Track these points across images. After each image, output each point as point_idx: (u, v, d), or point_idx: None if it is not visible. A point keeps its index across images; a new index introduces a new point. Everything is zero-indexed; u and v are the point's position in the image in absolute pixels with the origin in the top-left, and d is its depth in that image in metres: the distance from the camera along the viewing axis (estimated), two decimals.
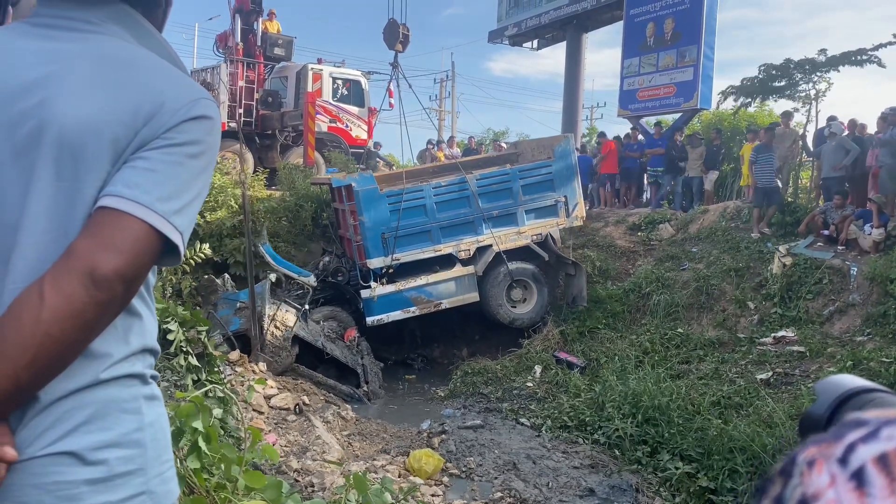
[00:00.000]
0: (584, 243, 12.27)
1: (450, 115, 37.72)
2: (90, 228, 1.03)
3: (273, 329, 8.19)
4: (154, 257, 1.07)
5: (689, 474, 6.01)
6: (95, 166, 1.05)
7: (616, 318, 10.32)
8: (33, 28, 1.15)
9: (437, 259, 9.95)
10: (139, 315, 1.14)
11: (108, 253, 1.00)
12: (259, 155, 15.27)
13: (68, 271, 0.98)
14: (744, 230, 11.15)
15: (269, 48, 15.80)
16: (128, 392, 1.11)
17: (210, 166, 1.16)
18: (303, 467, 5.16)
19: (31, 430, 1.02)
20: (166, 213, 1.05)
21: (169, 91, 1.11)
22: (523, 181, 10.24)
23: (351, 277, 9.93)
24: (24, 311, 0.96)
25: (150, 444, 1.12)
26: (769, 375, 7.53)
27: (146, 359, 1.17)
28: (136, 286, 1.07)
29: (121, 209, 1.02)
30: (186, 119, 1.10)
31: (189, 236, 1.13)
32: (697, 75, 13.85)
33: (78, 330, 0.98)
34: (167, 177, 1.06)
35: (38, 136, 1.05)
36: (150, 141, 1.07)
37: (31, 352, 0.95)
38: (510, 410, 8.06)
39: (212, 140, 1.15)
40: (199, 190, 1.13)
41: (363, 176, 10.04)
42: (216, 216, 10.53)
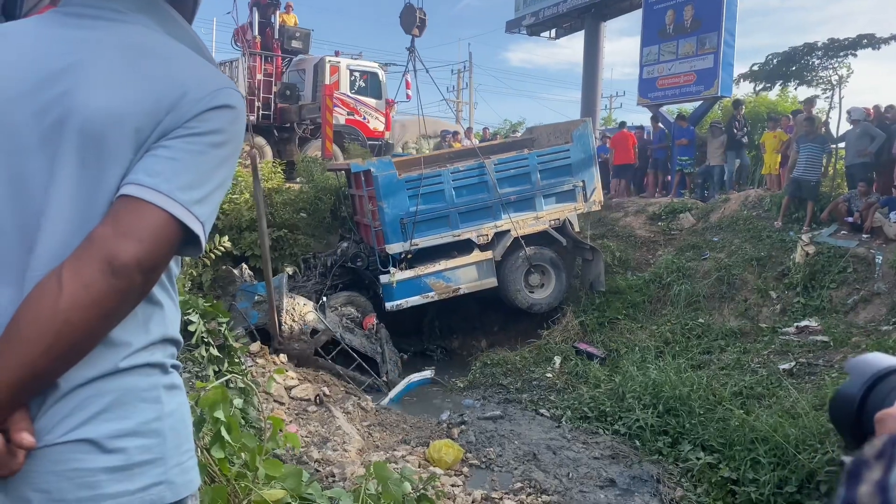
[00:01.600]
0: (603, 233, 12.20)
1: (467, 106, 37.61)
2: (110, 216, 1.03)
3: (291, 322, 8.23)
4: (174, 247, 1.07)
5: (711, 465, 5.96)
6: (118, 155, 1.05)
7: (636, 308, 10.25)
8: (63, 17, 1.16)
9: (456, 244, 9.95)
10: (160, 304, 1.14)
11: (128, 241, 1.00)
12: (277, 148, 15.34)
13: (87, 259, 0.98)
14: (766, 219, 11.01)
15: (286, 41, 15.85)
16: (147, 381, 1.10)
17: (234, 156, 1.15)
18: (323, 457, 5.20)
19: (51, 417, 1.02)
20: (187, 203, 1.05)
21: (192, 80, 1.10)
22: (541, 166, 10.20)
23: (370, 263, 9.95)
24: (42, 298, 0.97)
25: (170, 434, 1.12)
26: (792, 365, 7.44)
27: (167, 348, 1.16)
28: (156, 276, 1.07)
29: (141, 197, 1.02)
30: (209, 108, 1.09)
31: (211, 227, 1.12)
32: (718, 62, 13.67)
33: (96, 318, 0.98)
34: (189, 166, 1.06)
35: (62, 124, 1.05)
36: (172, 130, 1.07)
37: (49, 339, 0.95)
38: (530, 401, 8.04)
39: (235, 129, 1.14)
40: (222, 180, 1.13)
41: (382, 161, 10.07)
42: (234, 207, 10.59)
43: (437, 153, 11.74)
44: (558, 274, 10.43)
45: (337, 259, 10.14)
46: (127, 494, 1.05)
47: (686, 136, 13.81)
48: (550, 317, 10.43)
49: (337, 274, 10.03)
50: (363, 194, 10.08)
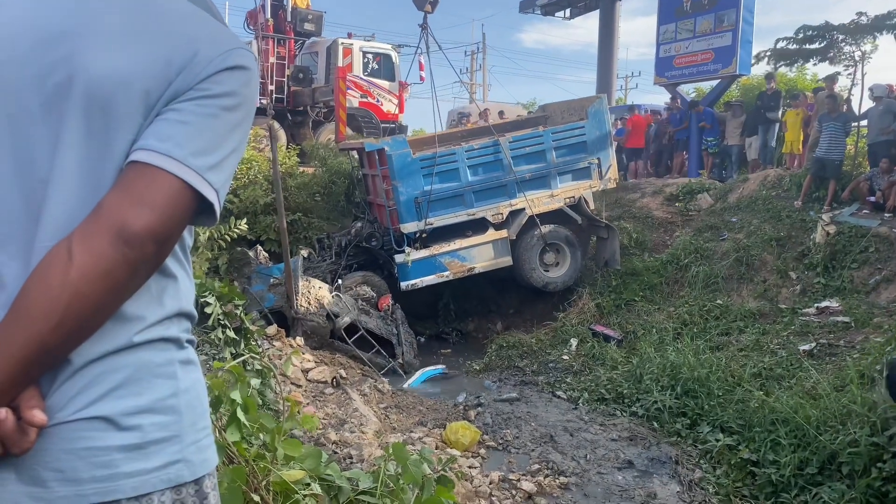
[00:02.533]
0: (620, 214, 12.10)
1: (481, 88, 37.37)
2: (120, 184, 0.98)
3: (307, 305, 8.23)
4: (188, 216, 1.02)
5: (730, 446, 5.91)
6: (126, 120, 1.00)
7: (653, 290, 10.17)
8: None
9: (470, 224, 9.90)
10: (174, 277, 1.10)
11: (139, 209, 0.95)
12: (291, 132, 15.32)
13: (97, 229, 0.94)
14: (785, 199, 10.86)
15: (299, 24, 15.75)
16: (162, 356, 1.07)
17: (247, 120, 1.10)
18: (341, 439, 5.20)
19: (63, 393, 0.98)
20: (200, 169, 1.00)
21: (203, 40, 1.05)
22: (556, 143, 10.10)
23: (384, 242, 9.94)
24: (51, 270, 0.93)
25: (186, 411, 1.08)
26: (812, 346, 7.35)
27: (182, 322, 1.12)
28: (169, 246, 1.02)
29: (152, 163, 0.98)
30: (221, 69, 1.04)
31: (226, 194, 1.08)
32: (736, 40, 13.45)
33: (108, 291, 0.94)
34: (201, 130, 1.01)
35: (67, 88, 1.00)
36: (183, 92, 1.02)
37: (59, 313, 0.91)
38: (546, 383, 8.02)
39: (248, 92, 1.09)
40: (236, 145, 1.07)
41: (396, 140, 10.01)
42: (249, 193, 10.59)
43: (450, 131, 11.65)
44: (573, 252, 10.37)
45: (351, 239, 10.13)
46: (143, 473, 1.02)
47: (706, 119, 13.62)
48: (566, 299, 10.38)
49: (351, 254, 10.02)
50: (377, 174, 10.04)
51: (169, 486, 1.05)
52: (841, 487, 4.82)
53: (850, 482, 4.87)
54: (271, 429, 2.12)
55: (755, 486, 5.39)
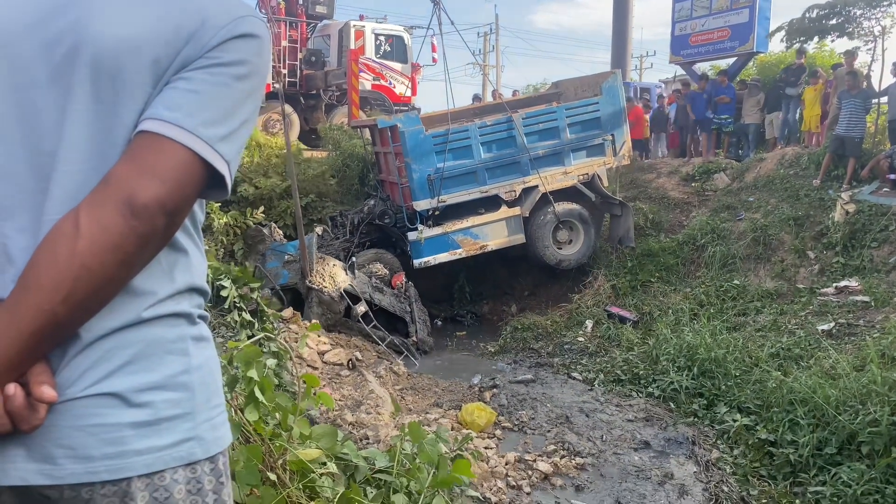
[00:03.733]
0: (636, 195, 12.00)
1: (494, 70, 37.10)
2: (129, 154, 0.96)
3: (322, 283, 8.23)
4: (198, 188, 1.00)
5: (748, 426, 5.88)
6: (135, 89, 0.98)
7: (669, 271, 10.10)
8: None
9: (483, 201, 9.86)
10: (185, 251, 1.08)
11: (149, 180, 0.93)
12: (304, 115, 15.29)
13: (105, 200, 0.92)
14: (803, 177, 10.71)
15: (310, 6, 15.69)
16: (174, 332, 1.05)
17: (259, 90, 1.07)
18: (357, 420, 5.23)
19: (73, 369, 0.97)
20: (211, 140, 0.98)
21: (213, 6, 1.02)
22: (570, 119, 10.00)
23: (397, 220, 9.92)
24: (59, 242, 0.91)
25: (199, 388, 1.07)
26: (831, 326, 7.27)
27: (193, 298, 1.10)
28: (180, 219, 1.00)
29: (162, 133, 0.95)
30: (232, 37, 1.01)
31: (237, 166, 1.05)
32: (753, 17, 13.20)
33: (117, 263, 0.92)
34: (212, 99, 0.99)
35: (74, 57, 0.98)
36: (193, 60, 0.99)
37: (68, 285, 0.90)
38: (561, 365, 8.00)
39: (260, 61, 1.06)
40: (247, 116, 1.05)
41: (409, 116, 9.97)
42: (267, 183, 10.61)
43: (464, 108, 11.57)
44: (587, 230, 10.31)
45: (364, 217, 10.13)
46: (155, 451, 1.01)
47: (727, 93, 13.40)
48: (581, 280, 10.33)
49: (364, 231, 10.02)
50: (389, 151, 9.99)
51: (182, 464, 1.03)
52: (860, 467, 4.79)
53: (869, 462, 4.83)
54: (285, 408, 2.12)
55: (773, 466, 5.36)
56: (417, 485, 2.30)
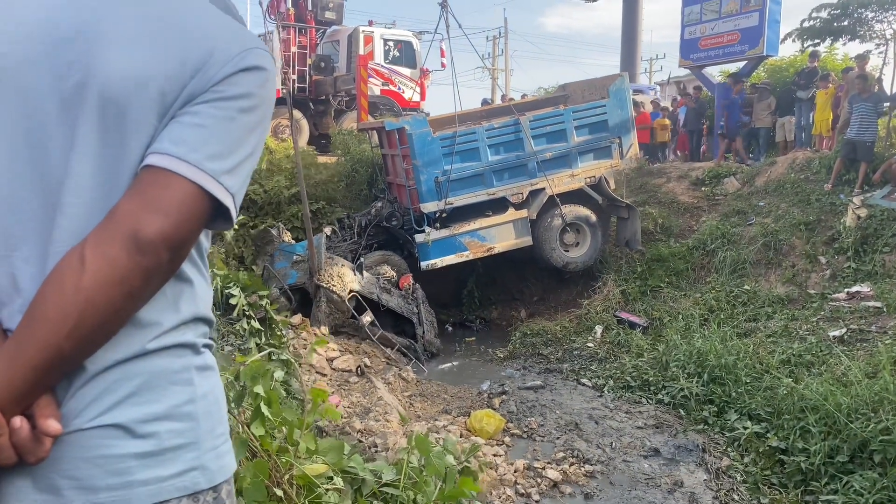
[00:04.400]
0: (645, 199, 11.96)
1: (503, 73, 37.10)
2: (135, 188, 0.97)
3: (331, 282, 8.25)
4: (203, 220, 1.01)
5: (758, 434, 5.84)
6: (141, 122, 0.99)
7: (679, 276, 10.05)
8: None
9: (490, 203, 9.87)
10: (190, 281, 1.09)
11: (153, 215, 0.94)
12: (313, 121, 15.34)
13: (111, 234, 0.93)
14: (814, 182, 10.64)
15: (320, 12, 15.73)
16: (178, 362, 1.05)
17: (265, 122, 1.08)
18: (366, 428, 5.24)
19: (78, 400, 0.98)
20: (216, 173, 0.99)
21: (219, 40, 1.03)
22: (577, 122, 10.01)
23: (404, 222, 9.95)
24: (65, 276, 0.92)
25: (203, 417, 1.07)
26: (843, 332, 7.22)
27: (198, 327, 1.11)
28: (185, 252, 1.01)
29: (167, 168, 0.96)
30: (238, 70, 1.02)
31: (242, 196, 1.06)
32: (763, 20, 13.15)
33: (122, 297, 0.93)
34: (217, 133, 1.00)
35: (82, 89, 0.99)
36: (199, 94, 1.00)
37: (73, 320, 0.90)
38: (571, 371, 7.99)
39: (266, 93, 1.07)
40: (253, 148, 1.06)
41: (416, 119, 9.98)
42: (273, 183, 10.66)
43: (471, 111, 11.58)
44: (594, 232, 10.30)
45: (371, 219, 10.16)
46: (159, 481, 1.01)
47: (740, 97, 13.33)
48: (591, 286, 10.30)
49: (371, 234, 10.06)
50: (397, 153, 10.02)
51: (185, 494, 1.04)
52: (872, 476, 4.75)
53: (881, 471, 4.79)
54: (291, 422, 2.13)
55: (784, 474, 5.33)
56: (424, 498, 2.30)
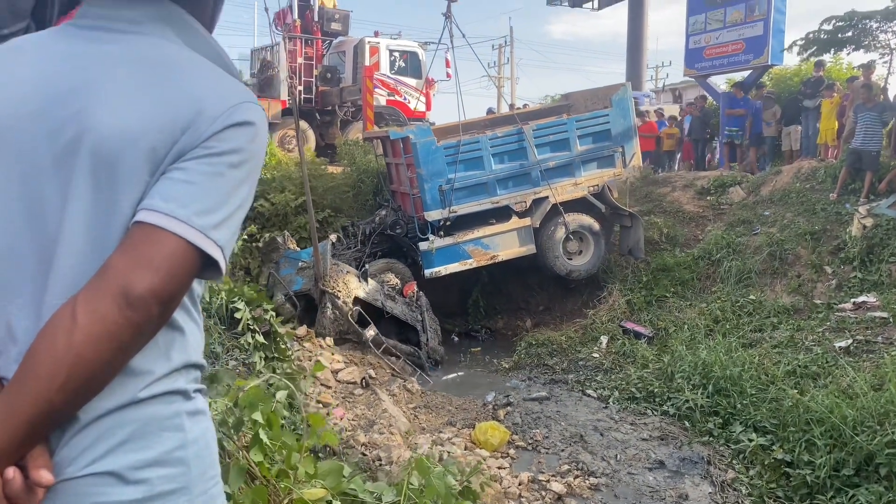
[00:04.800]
0: (650, 209, 11.96)
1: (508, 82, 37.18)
2: (125, 245, 1.00)
3: (335, 288, 8.27)
4: (192, 274, 1.04)
5: (764, 446, 5.82)
6: (133, 178, 1.02)
7: (685, 286, 10.04)
8: (78, 30, 1.13)
9: (494, 211, 9.90)
10: (181, 330, 1.11)
11: (143, 271, 0.96)
12: (320, 131, 15.44)
13: (101, 291, 0.96)
14: (820, 191, 10.62)
15: (326, 23, 15.85)
16: (169, 409, 1.08)
17: (254, 174, 1.11)
18: (370, 441, 5.25)
19: (71, 449, 1.00)
20: (204, 228, 1.01)
21: (209, 96, 1.06)
22: (580, 131, 10.05)
23: (408, 230, 9.99)
24: (57, 332, 0.94)
25: (194, 462, 1.09)
26: (849, 343, 7.20)
27: (190, 373, 1.13)
28: (174, 305, 1.03)
29: (156, 224, 0.99)
30: (227, 126, 1.05)
31: (232, 247, 1.09)
32: (768, 30, 13.16)
33: (112, 352, 0.96)
34: (206, 189, 1.02)
35: (76, 145, 1.02)
36: (189, 150, 1.03)
37: (64, 375, 0.93)
38: (576, 382, 7.98)
39: (255, 147, 1.09)
40: (242, 200, 1.09)
41: (420, 128, 10.04)
42: (282, 198, 10.72)
43: (474, 120, 11.64)
44: (597, 240, 10.32)
45: (375, 227, 10.21)
46: None
47: (742, 105, 13.35)
48: (596, 295, 10.30)
49: (375, 242, 10.10)
50: (401, 162, 10.07)
51: None
52: (878, 489, 4.73)
53: (888, 484, 4.76)
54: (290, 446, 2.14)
55: (790, 487, 5.30)
56: None
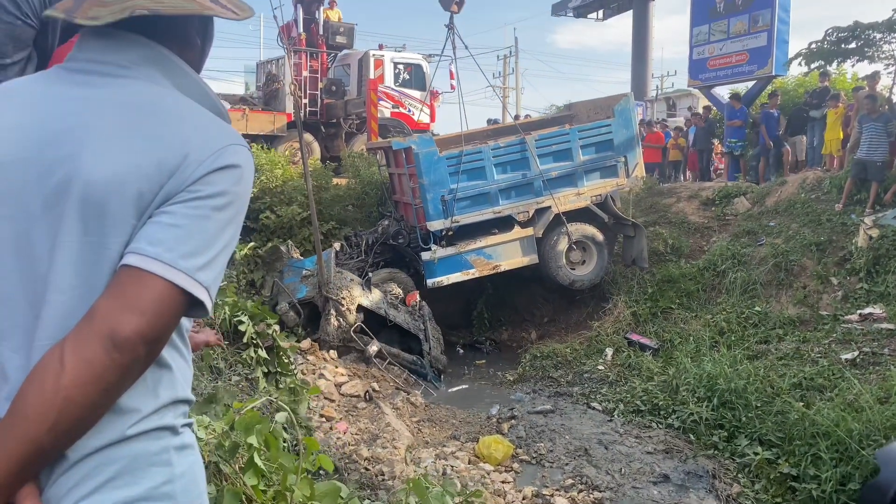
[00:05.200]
0: (655, 220, 11.95)
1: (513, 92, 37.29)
2: (112, 288, 1.02)
3: (339, 294, 8.29)
4: (179, 315, 1.06)
5: (769, 460, 5.79)
6: (120, 222, 1.04)
7: (690, 297, 10.00)
8: (69, 73, 1.15)
9: (496, 221, 9.92)
10: (169, 366, 1.13)
11: (129, 314, 0.98)
12: (325, 144, 15.51)
13: (89, 334, 0.98)
14: (825, 202, 10.60)
15: (331, 37, 15.96)
16: (157, 444, 1.09)
17: (239, 215, 1.13)
18: (373, 455, 5.24)
19: (59, 487, 1.02)
20: (190, 270, 1.03)
21: (194, 141, 1.08)
22: (582, 141, 10.05)
23: (411, 240, 10.02)
24: (45, 375, 0.96)
25: (181, 496, 1.10)
26: (855, 355, 7.15)
27: (178, 408, 1.15)
28: (161, 345, 1.05)
29: (142, 268, 1.01)
30: (213, 170, 1.08)
31: (218, 287, 1.11)
32: (772, 40, 13.19)
33: (100, 393, 0.98)
34: (192, 232, 1.04)
35: (65, 189, 1.05)
36: (175, 194, 1.05)
37: (52, 417, 0.95)
38: (581, 394, 7.95)
39: (240, 189, 1.12)
40: (228, 241, 1.11)
41: (423, 138, 10.07)
42: (288, 211, 10.77)
43: (477, 130, 11.68)
44: (600, 250, 10.32)
45: (378, 237, 10.25)
46: None
47: (739, 116, 13.36)
48: (601, 307, 10.29)
49: (378, 252, 10.13)
50: (404, 172, 10.11)
51: None
52: None
53: None
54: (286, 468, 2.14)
55: (795, 501, 5.27)
56: None
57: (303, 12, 15.68)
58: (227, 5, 1.20)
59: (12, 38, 2.13)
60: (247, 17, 1.22)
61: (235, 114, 14.28)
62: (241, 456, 2.11)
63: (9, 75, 2.17)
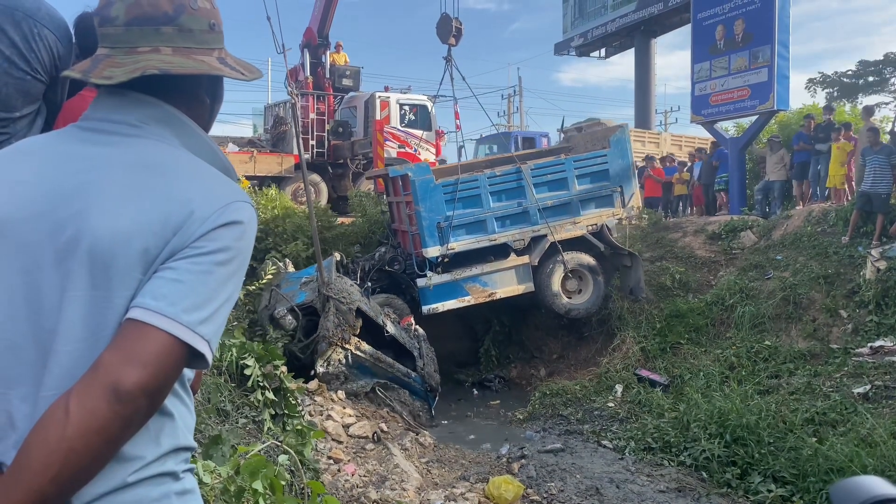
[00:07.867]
0: (662, 255, 11.95)
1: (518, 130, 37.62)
2: (117, 341, 1.05)
3: (340, 295, 8.26)
4: (180, 367, 1.09)
5: (784, 497, 5.70)
6: (126, 276, 1.08)
7: (699, 332, 9.96)
8: (80, 132, 1.21)
9: (492, 249, 9.97)
10: (171, 415, 1.16)
11: (132, 367, 1.02)
12: (332, 184, 15.68)
13: (93, 386, 1.01)
14: (831, 234, 10.59)
15: (337, 80, 16.26)
16: (158, 490, 1.12)
17: (241, 270, 1.18)
18: (381, 497, 5.19)
19: None
20: (191, 324, 1.07)
21: (199, 198, 1.13)
22: (578, 171, 10.18)
23: (407, 267, 10.06)
24: (50, 426, 0.99)
25: None
26: (867, 389, 7.08)
27: (179, 455, 1.18)
28: (162, 397, 1.08)
29: (145, 321, 1.05)
30: (216, 227, 1.12)
31: (219, 339, 1.14)
32: (772, 76, 13.34)
33: (102, 444, 1.00)
34: (194, 287, 1.08)
35: (75, 244, 1.09)
36: (180, 250, 1.09)
37: (56, 467, 0.97)
38: (591, 432, 7.87)
39: (242, 245, 1.16)
40: (229, 295, 1.15)
41: (419, 166, 10.19)
42: (293, 248, 10.84)
43: (473, 161, 11.82)
44: (596, 279, 10.34)
45: (374, 263, 10.28)
46: None
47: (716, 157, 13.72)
48: (609, 342, 10.24)
49: (374, 278, 10.15)
50: (401, 200, 10.22)
51: None
52: None
53: None
54: None
55: None
56: None
57: (310, 56, 16.01)
58: (235, 66, 1.28)
59: (22, 92, 2.21)
60: (255, 78, 1.30)
61: (244, 156, 14.48)
62: (246, 501, 2.12)
63: (18, 128, 2.25)
